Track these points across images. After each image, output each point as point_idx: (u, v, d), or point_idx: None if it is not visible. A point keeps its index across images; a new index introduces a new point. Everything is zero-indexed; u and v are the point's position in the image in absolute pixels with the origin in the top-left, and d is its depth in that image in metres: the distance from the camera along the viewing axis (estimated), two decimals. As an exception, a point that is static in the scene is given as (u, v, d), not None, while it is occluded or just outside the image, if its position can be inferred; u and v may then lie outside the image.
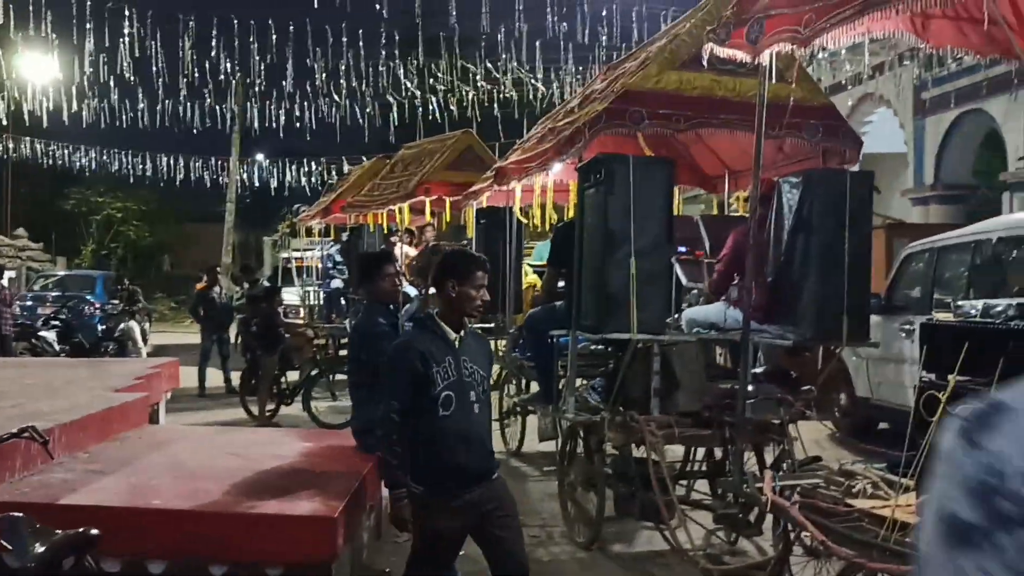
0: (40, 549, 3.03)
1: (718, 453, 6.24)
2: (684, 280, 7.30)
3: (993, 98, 15.84)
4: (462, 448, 3.74)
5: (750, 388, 5.24)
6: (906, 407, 8.41)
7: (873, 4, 3.21)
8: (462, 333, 3.83)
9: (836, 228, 5.76)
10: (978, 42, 4.43)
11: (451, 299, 3.79)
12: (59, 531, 3.15)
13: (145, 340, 17.18)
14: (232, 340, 14.82)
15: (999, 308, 3.22)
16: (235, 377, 12.53)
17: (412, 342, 3.82)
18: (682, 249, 7.37)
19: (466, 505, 3.73)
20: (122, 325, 15.67)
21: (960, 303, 3.48)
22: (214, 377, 13.49)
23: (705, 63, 4.72)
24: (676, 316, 6.77)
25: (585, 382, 7.33)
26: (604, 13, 19.99)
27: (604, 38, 20.47)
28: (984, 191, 19.27)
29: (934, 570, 0.85)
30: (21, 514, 3.18)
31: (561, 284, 7.23)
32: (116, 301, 17.36)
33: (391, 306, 5.80)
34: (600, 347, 7.29)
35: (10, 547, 3.13)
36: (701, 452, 6.43)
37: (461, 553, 5.80)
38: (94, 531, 3.13)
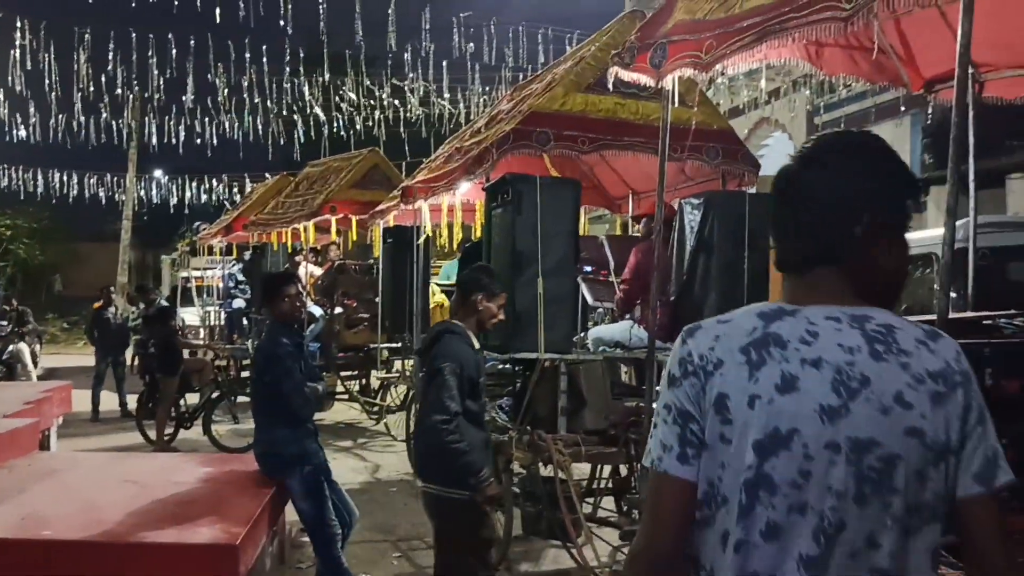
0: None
1: (623, 470, 6.30)
2: (590, 299, 7.38)
3: (881, 123, 16.54)
4: (487, 453, 4.29)
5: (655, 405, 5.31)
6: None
7: (770, 32, 3.32)
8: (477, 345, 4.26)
9: (736, 247, 5.92)
10: (868, 70, 4.63)
11: (477, 312, 4.31)
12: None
13: (35, 363, 16.47)
14: (128, 362, 14.35)
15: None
16: (131, 400, 12.12)
17: (468, 351, 4.20)
18: (588, 269, 7.46)
19: None
20: (11, 347, 14.99)
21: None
22: (108, 400, 13.02)
23: (610, 86, 4.80)
24: (582, 335, 6.84)
25: (493, 401, 7.33)
26: (510, 34, 20.20)
27: (510, 59, 20.66)
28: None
29: (660, 398, 1.62)
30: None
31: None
32: (4, 322, 16.59)
33: (296, 326, 5.70)
34: (507, 366, 7.30)
35: None
36: (607, 470, 6.49)
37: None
38: (-22, 566, 2.97)
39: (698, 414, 1.52)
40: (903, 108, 15.48)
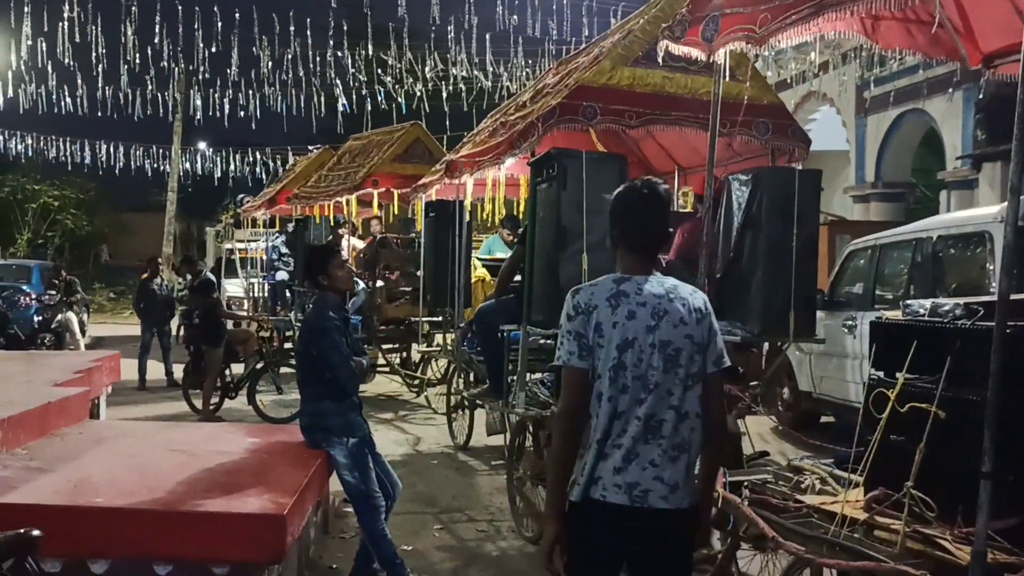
0: (-22, 551, 2.93)
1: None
2: (634, 275, 7.33)
3: (932, 98, 16.20)
4: None
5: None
6: (848, 401, 8.61)
7: (828, 5, 3.24)
8: None
9: (784, 225, 5.82)
10: (925, 44, 4.50)
11: None
12: (-2, 532, 3.05)
13: (83, 332, 16.81)
14: (174, 333, 14.56)
15: (947, 307, 3.28)
16: (177, 370, 12.31)
17: None
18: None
19: None
20: (59, 317, 15.30)
21: (909, 302, 3.53)
22: (154, 370, 13.23)
23: (660, 60, 4.73)
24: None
25: (535, 376, 7.33)
26: (554, 7, 20.01)
27: (554, 32, 20.49)
28: (922, 189, 19.73)
29: (562, 327, 2.82)
30: (-43, 514, 3.07)
31: (517, 278, 7.21)
32: (53, 292, 16.91)
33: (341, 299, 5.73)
34: (549, 342, 7.29)
35: (-54, 549, 3.03)
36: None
37: (408, 548, 5.80)
38: (35, 532, 3.02)
39: (585, 334, 2.79)
40: (954, 82, 15.14)
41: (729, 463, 3.34)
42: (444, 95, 23.61)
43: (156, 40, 21.82)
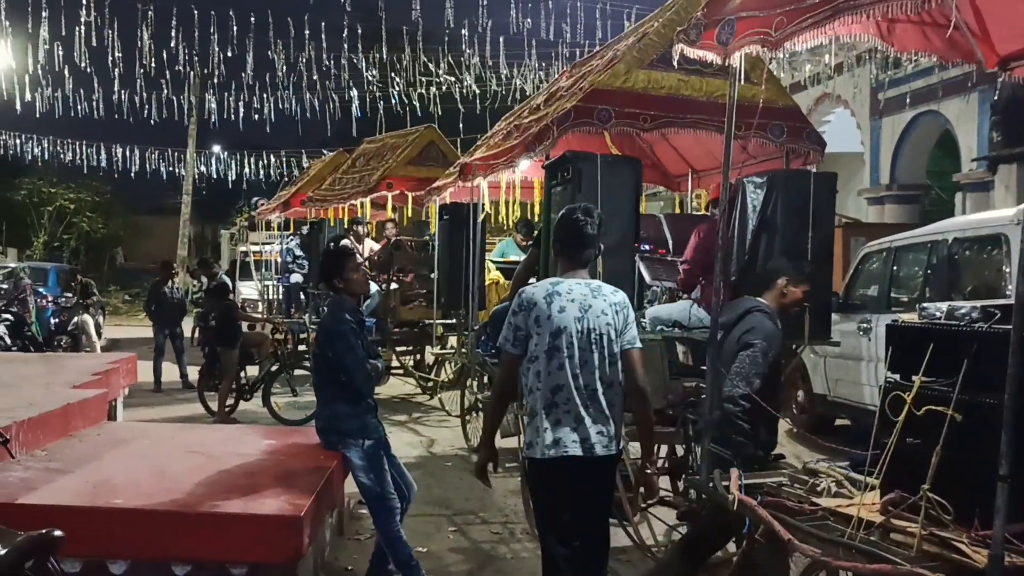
0: (1, 551, 2.95)
1: (679, 450, 6.28)
2: (648, 277, 7.33)
3: (947, 100, 16.13)
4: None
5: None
6: (862, 404, 8.58)
7: (844, 9, 3.24)
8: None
9: (799, 228, 5.83)
10: (941, 47, 4.49)
11: (783, 296, 4.94)
12: (20, 532, 3.07)
13: (99, 334, 16.91)
14: (187, 335, 14.62)
15: (963, 310, 3.27)
16: (192, 372, 12.37)
17: (778, 333, 4.80)
18: (645, 247, 7.41)
19: None
20: (76, 319, 15.40)
21: (925, 305, 3.53)
22: (169, 372, 13.30)
23: (675, 63, 4.74)
24: (639, 314, 6.80)
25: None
26: (568, 10, 20.03)
27: (568, 35, 20.51)
28: (937, 192, 19.64)
29: (508, 318, 3.79)
30: (-20, 515, 3.11)
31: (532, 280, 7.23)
32: (69, 294, 17.03)
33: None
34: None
35: (-31, 549, 3.06)
36: (663, 449, 6.47)
37: (423, 550, 5.82)
38: (57, 532, 3.05)
39: (524, 327, 3.71)
40: (969, 84, 15.08)
41: (648, 419, 3.98)
42: (458, 98, 23.66)
43: (171, 44, 21.99)
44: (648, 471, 4.02)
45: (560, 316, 3.67)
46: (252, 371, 11.06)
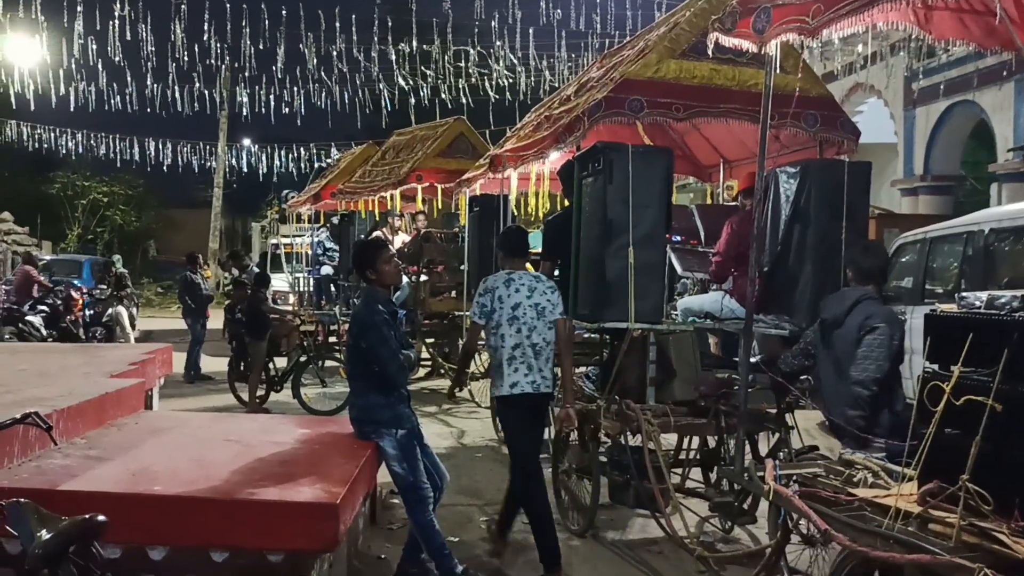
0: (46, 536, 3.01)
1: (711, 442, 6.26)
2: (679, 268, 7.31)
3: (983, 89, 15.89)
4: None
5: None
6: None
7: (882, -4, 3.22)
8: None
9: (833, 218, 5.79)
10: (979, 34, 4.44)
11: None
12: (64, 518, 3.13)
13: (133, 325, 17.10)
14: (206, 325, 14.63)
15: (1003, 299, 3.23)
16: (219, 364, 12.45)
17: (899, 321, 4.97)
18: (677, 238, 7.39)
19: None
20: (110, 310, 15.59)
21: (964, 294, 3.49)
22: (206, 363, 13.44)
23: (710, 52, 4.72)
24: (670, 305, 6.79)
25: (580, 370, 7.34)
26: (598, 1, 19.95)
27: (598, 26, 20.44)
28: (972, 182, 19.37)
29: (475, 298, 5.51)
30: (25, 500, 3.16)
31: (555, 274, 7.23)
32: (104, 286, 17.24)
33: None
34: (594, 335, 7.29)
35: (15, 533, 3.12)
36: (695, 440, 6.46)
37: (455, 539, 5.85)
38: (101, 517, 3.11)
39: (489, 304, 5.32)
40: (1005, 73, 14.84)
41: (569, 367, 5.61)
42: (488, 90, 23.65)
43: (203, 38, 22.16)
44: (569, 407, 5.52)
45: (516, 295, 5.34)
46: (280, 362, 11.15)
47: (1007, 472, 3.00)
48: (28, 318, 13.79)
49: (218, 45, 23.02)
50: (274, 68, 24.29)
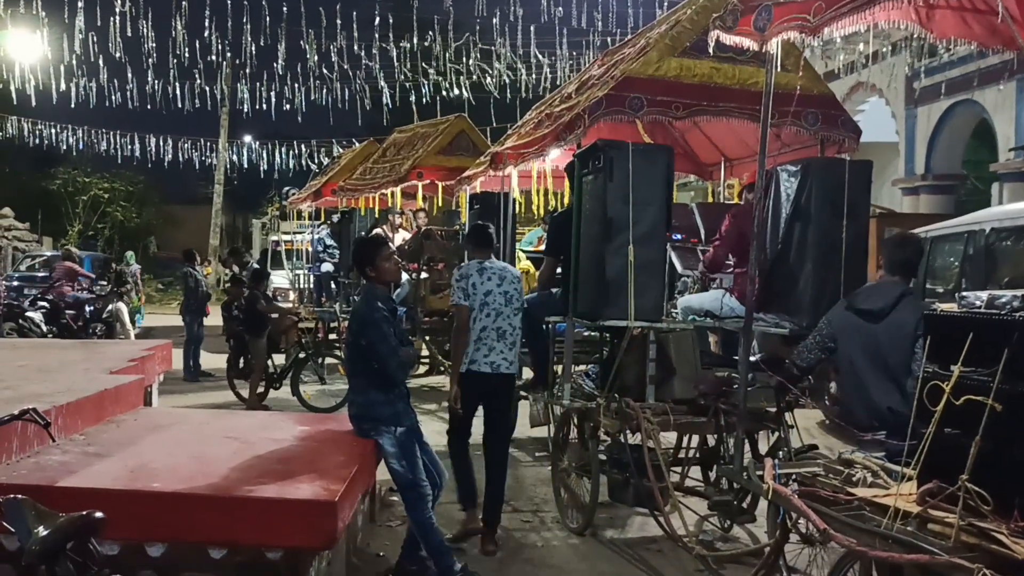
0: (44, 532, 3.00)
1: (711, 440, 6.26)
2: (679, 267, 7.31)
3: (984, 89, 15.88)
4: None
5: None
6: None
7: (884, -6, 3.21)
8: None
9: (834, 217, 5.78)
10: (981, 33, 4.42)
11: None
12: (62, 514, 3.13)
13: (133, 322, 17.10)
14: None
15: (1004, 299, 3.23)
16: (218, 360, 12.45)
17: None
18: (677, 236, 7.38)
19: None
20: (110, 307, 15.59)
21: (965, 294, 3.48)
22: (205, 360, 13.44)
23: (711, 50, 4.70)
24: (671, 304, 6.78)
25: (579, 368, 7.34)
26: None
27: (599, 24, 20.42)
28: (973, 181, 19.36)
29: (455, 283, 6.00)
30: (23, 496, 3.15)
31: (558, 272, 7.23)
32: (104, 282, 17.24)
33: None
34: (594, 334, 7.29)
35: (12, 530, 3.12)
36: (694, 439, 6.45)
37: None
38: (99, 514, 3.11)
39: (468, 288, 5.77)
40: (1007, 72, 14.82)
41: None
42: (489, 88, 23.63)
43: (204, 34, 22.14)
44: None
45: (488, 283, 5.83)
46: (279, 359, 11.14)
47: (1007, 472, 2.99)
48: (28, 314, 13.79)
49: (219, 41, 23.00)
50: (275, 65, 24.30)
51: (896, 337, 4.46)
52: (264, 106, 26.26)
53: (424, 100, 24.05)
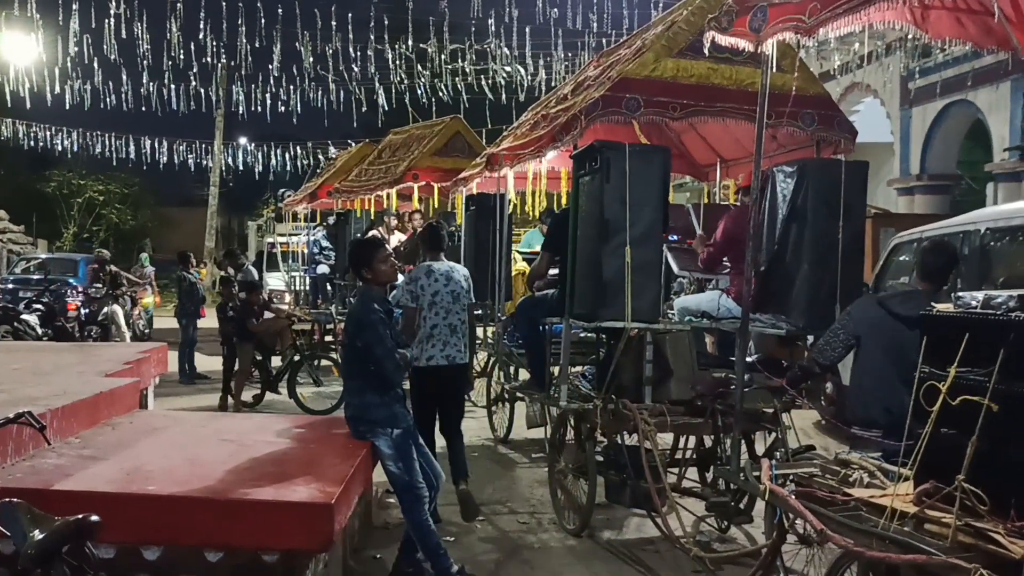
0: (39, 536, 2.99)
1: (707, 441, 6.26)
2: (676, 268, 7.31)
3: (979, 89, 15.93)
4: None
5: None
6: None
7: (879, -6, 3.22)
8: None
9: (830, 217, 5.78)
10: (976, 33, 4.44)
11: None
12: (57, 518, 3.11)
13: (128, 324, 17.05)
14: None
15: (1000, 299, 3.23)
16: (213, 363, 12.41)
17: None
18: (674, 237, 7.38)
19: None
20: (105, 309, 15.55)
21: (960, 294, 3.48)
22: (200, 362, 13.41)
23: (706, 51, 4.70)
24: (667, 305, 6.79)
25: (576, 369, 7.34)
26: (595, 0, 19.95)
27: (595, 25, 20.44)
28: (968, 182, 19.40)
29: (402, 287, 6.61)
30: (18, 500, 3.14)
31: (553, 271, 7.22)
32: (99, 285, 17.19)
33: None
34: (591, 335, 7.29)
35: (8, 533, 3.10)
36: (691, 440, 6.46)
37: (451, 539, 5.83)
38: (94, 517, 3.09)
39: (416, 292, 6.23)
40: (1001, 73, 14.87)
41: (474, 340, 7.20)
42: (485, 89, 23.62)
43: (199, 36, 22.11)
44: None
45: (435, 284, 6.26)
46: (276, 362, 11.12)
47: (1003, 472, 2.99)
48: (24, 317, 13.75)
49: (214, 43, 22.99)
50: (270, 66, 24.23)
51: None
52: (259, 108, 26.21)
53: (420, 102, 24.03)
